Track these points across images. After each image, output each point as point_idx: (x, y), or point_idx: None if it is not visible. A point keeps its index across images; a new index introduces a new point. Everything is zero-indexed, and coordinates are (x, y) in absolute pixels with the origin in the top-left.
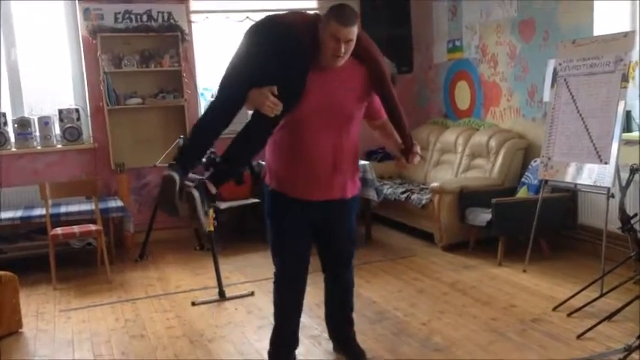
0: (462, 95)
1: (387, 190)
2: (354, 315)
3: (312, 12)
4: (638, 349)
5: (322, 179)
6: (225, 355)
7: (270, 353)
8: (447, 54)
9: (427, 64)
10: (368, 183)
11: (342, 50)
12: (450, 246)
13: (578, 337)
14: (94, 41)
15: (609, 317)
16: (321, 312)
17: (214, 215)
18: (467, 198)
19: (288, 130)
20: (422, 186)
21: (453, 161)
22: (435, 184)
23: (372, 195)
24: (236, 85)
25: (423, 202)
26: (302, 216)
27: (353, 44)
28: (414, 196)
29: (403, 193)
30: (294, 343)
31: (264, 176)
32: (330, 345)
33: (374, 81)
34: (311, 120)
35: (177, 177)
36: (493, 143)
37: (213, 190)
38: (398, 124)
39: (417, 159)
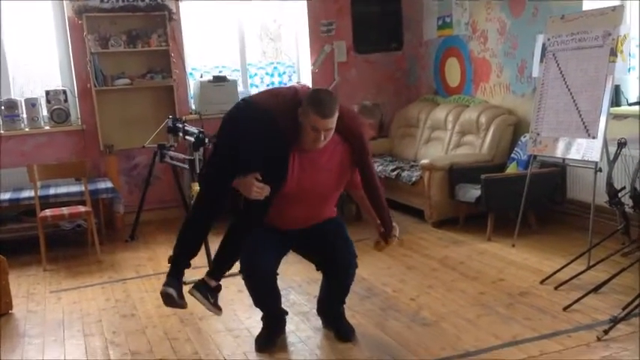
0: (452, 72)
1: (378, 167)
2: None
3: (289, 89)
4: (623, 321)
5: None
6: (215, 332)
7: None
8: (437, 31)
9: (417, 41)
10: None
11: (322, 139)
12: (440, 222)
13: (565, 309)
14: (79, 21)
15: (595, 289)
16: (311, 289)
17: None
18: (457, 174)
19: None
20: (412, 163)
21: (444, 138)
22: (424, 161)
23: None
24: (219, 182)
25: (413, 179)
26: (275, 230)
27: (333, 130)
28: (405, 174)
29: (393, 170)
30: (282, 318)
31: None
32: (318, 321)
33: (356, 160)
34: (290, 197)
35: (171, 291)
36: (483, 119)
37: (213, 284)
38: (377, 206)
39: (394, 242)
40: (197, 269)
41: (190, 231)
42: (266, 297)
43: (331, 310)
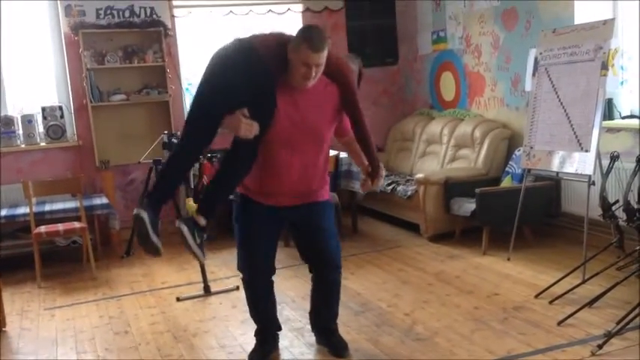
0: (447, 86)
1: None
2: (339, 307)
3: (276, 33)
4: (617, 335)
5: (291, 193)
6: (208, 348)
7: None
8: (432, 45)
9: (412, 55)
10: (353, 175)
11: (313, 74)
12: (435, 236)
13: (559, 323)
14: (75, 38)
15: (590, 303)
16: (305, 304)
17: None
18: (452, 188)
19: (259, 148)
20: (408, 177)
21: (439, 152)
22: (419, 176)
23: (357, 187)
24: (205, 117)
25: (409, 193)
26: (270, 219)
27: (323, 67)
28: (400, 188)
29: (389, 184)
30: (275, 334)
31: None
32: (312, 337)
33: (345, 102)
34: (282, 139)
35: (144, 215)
36: (478, 133)
37: (202, 222)
38: (366, 146)
39: (381, 182)
40: (193, 285)
41: (173, 166)
42: (263, 300)
43: (323, 321)
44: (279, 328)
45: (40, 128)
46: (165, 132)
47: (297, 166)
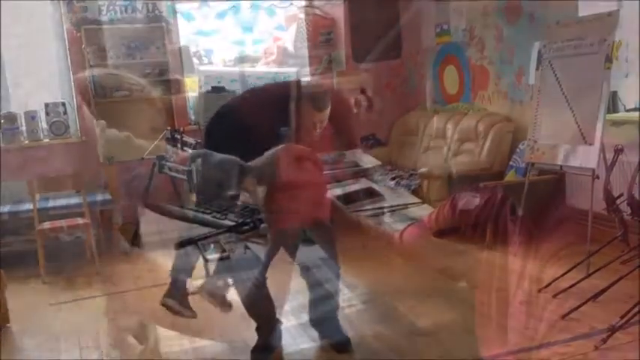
0: (451, 80)
1: (378, 177)
2: (342, 301)
3: (275, 85)
4: (621, 329)
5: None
6: (211, 342)
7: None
8: (435, 38)
9: (415, 48)
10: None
11: (318, 129)
12: (439, 231)
13: (563, 317)
14: (78, 34)
15: (594, 297)
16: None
17: None
18: (456, 182)
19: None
20: (412, 171)
21: (443, 146)
22: (423, 170)
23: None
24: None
25: (413, 187)
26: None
27: (327, 120)
28: (404, 182)
29: (393, 179)
30: (278, 329)
31: None
32: (315, 332)
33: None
34: (289, 188)
35: (171, 302)
36: (481, 127)
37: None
38: None
39: None
40: (197, 280)
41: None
42: (259, 307)
43: (322, 320)
44: (280, 322)
45: (44, 124)
46: (169, 128)
47: (302, 207)
